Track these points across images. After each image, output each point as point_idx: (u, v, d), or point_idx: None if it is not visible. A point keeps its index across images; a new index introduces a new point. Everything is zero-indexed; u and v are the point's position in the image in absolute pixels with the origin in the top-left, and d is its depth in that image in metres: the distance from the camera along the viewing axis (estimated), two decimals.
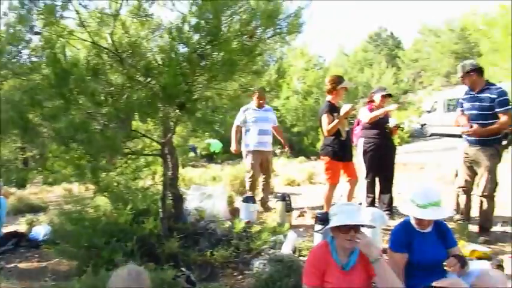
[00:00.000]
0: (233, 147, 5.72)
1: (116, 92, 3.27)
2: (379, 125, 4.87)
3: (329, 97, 4.68)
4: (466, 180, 4.44)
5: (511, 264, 3.42)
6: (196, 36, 3.16)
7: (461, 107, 4.39)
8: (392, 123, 4.79)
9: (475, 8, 15.73)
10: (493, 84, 4.23)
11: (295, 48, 17.72)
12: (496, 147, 4.19)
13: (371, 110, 4.97)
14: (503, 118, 4.01)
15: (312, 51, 26.97)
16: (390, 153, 5.08)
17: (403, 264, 2.79)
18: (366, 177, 5.03)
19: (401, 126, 4.90)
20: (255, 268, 3.39)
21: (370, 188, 5.07)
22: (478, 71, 4.19)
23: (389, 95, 5.06)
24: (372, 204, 5.04)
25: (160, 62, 3.25)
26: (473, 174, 4.37)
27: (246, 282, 3.34)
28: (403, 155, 13.44)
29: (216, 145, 15.15)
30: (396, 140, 16.99)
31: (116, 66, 3.30)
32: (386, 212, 4.84)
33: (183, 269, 3.21)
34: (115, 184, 3.45)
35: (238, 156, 6.90)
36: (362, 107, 5.20)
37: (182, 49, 3.21)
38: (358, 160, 5.12)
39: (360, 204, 5.07)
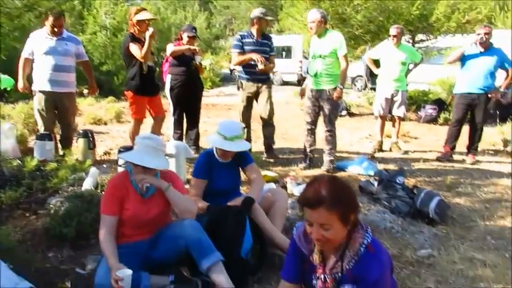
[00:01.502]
0: (20, 85, 4.59)
1: None
2: (186, 63, 4.93)
3: (131, 31, 4.53)
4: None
5: (291, 184, 4.03)
6: None
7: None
8: (198, 60, 4.90)
9: None
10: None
11: None
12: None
13: None
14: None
15: None
16: (197, 91, 5.24)
17: (202, 189, 2.99)
18: (173, 113, 5.11)
19: (205, 65, 5.02)
20: (50, 206, 3.16)
21: (178, 125, 5.19)
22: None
23: (195, 37, 5.10)
24: (179, 139, 5.18)
25: None
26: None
27: (40, 221, 3.09)
28: (214, 98, 14.12)
29: (6, 81, 12.96)
30: (208, 83, 17.56)
31: None
32: (193, 147, 5.08)
33: None
34: None
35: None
36: (169, 44, 5.15)
37: None
38: (167, 96, 5.15)
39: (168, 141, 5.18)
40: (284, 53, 18.64)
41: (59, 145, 4.79)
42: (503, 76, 5.80)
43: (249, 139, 5.38)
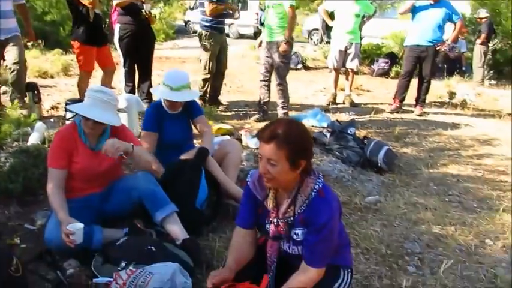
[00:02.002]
0: None
1: None
2: (134, 11, 4.67)
3: None
4: None
5: (246, 137, 4.05)
6: None
7: None
8: (147, 8, 4.66)
9: None
10: None
11: None
12: None
13: None
14: None
15: None
16: (148, 41, 5.02)
17: (154, 142, 2.93)
18: (124, 65, 4.90)
19: (155, 14, 4.77)
20: None
21: (129, 77, 5.00)
22: None
23: None
24: (131, 92, 5.00)
25: None
26: None
27: None
28: (168, 51, 13.64)
29: None
30: (161, 35, 16.88)
31: None
32: (146, 101, 4.93)
33: None
34: None
35: None
36: None
37: None
38: (116, 47, 4.91)
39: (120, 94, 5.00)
40: (240, 5, 18.12)
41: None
42: (452, 30, 5.98)
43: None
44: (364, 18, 6.42)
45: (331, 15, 6.30)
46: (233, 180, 2.90)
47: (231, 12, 5.33)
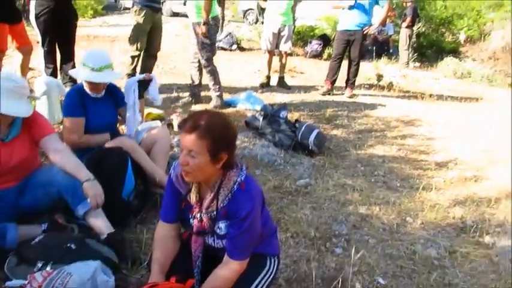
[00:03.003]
0: None
1: None
2: None
3: None
4: None
5: (177, 121, 3.93)
6: None
7: None
8: None
9: None
10: None
11: None
12: None
13: None
14: None
15: None
16: (69, 19, 4.65)
17: (82, 127, 2.75)
18: (43, 45, 4.52)
19: None
20: None
21: (49, 58, 4.61)
22: None
23: None
24: (52, 75, 4.65)
25: None
26: None
27: None
28: (97, 28, 12.87)
29: None
30: (89, 12, 15.88)
31: None
32: (69, 84, 4.60)
33: None
34: None
35: None
36: None
37: None
38: (33, 25, 4.52)
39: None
40: None
41: None
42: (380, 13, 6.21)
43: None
44: (298, 1, 6.45)
45: None
46: (162, 168, 2.80)
47: None
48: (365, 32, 5.95)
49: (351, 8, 5.74)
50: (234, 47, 9.40)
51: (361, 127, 4.89)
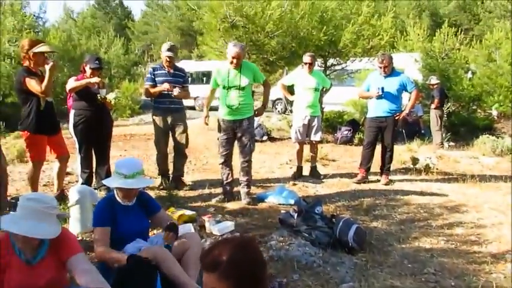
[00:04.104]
0: None
1: None
2: (90, 97, 4.57)
3: (26, 64, 4.14)
4: None
5: (210, 223, 3.82)
6: None
7: None
8: (103, 93, 4.57)
9: None
10: None
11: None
12: None
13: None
14: None
15: (31, 9, 23.73)
16: (105, 126, 4.87)
17: (107, 237, 2.73)
18: (79, 151, 4.70)
19: (110, 99, 4.63)
20: None
21: (85, 163, 4.77)
22: None
23: (99, 68, 4.78)
24: (88, 180, 4.76)
25: None
26: None
27: None
28: (134, 127, 13.53)
29: None
30: (127, 111, 16.86)
31: None
32: (103, 188, 4.67)
33: None
34: None
35: None
36: (71, 78, 4.76)
37: None
38: (71, 134, 4.74)
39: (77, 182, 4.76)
40: (205, 79, 18.60)
41: None
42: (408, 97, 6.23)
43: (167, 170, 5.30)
44: (323, 92, 6.59)
45: (291, 89, 6.44)
46: (193, 278, 2.66)
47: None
48: (396, 118, 5.91)
49: (379, 97, 5.78)
50: (265, 137, 9.55)
51: (403, 217, 4.62)
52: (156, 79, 5.13)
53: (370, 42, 9.31)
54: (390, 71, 5.84)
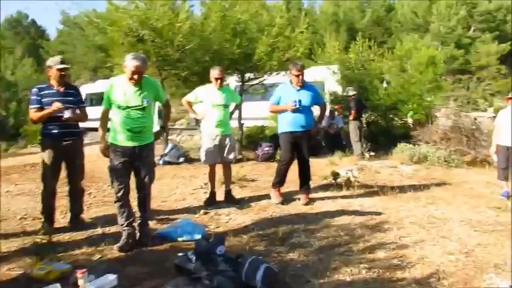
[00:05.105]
0: None
1: None
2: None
3: None
4: None
5: (83, 280, 3.03)
6: None
7: None
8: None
9: None
10: None
11: None
12: None
13: None
14: None
15: None
16: None
17: None
18: None
19: None
20: None
21: None
22: None
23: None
24: None
25: None
26: None
27: None
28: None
29: None
30: (37, 138, 15.36)
31: None
32: None
33: None
34: None
35: None
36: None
37: None
38: None
39: None
40: None
41: None
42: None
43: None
44: (235, 109, 6.09)
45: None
46: None
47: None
48: (312, 133, 5.57)
49: (295, 111, 5.38)
50: (181, 159, 8.86)
51: (322, 243, 4.16)
52: (43, 100, 4.34)
53: (285, 54, 9.04)
54: (302, 84, 5.49)
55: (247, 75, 9.66)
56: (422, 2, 36.86)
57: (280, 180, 5.59)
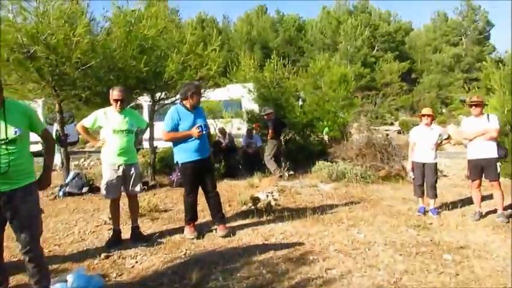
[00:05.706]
0: None
1: None
2: None
3: None
4: None
5: None
6: None
7: None
8: None
9: None
10: None
11: None
12: None
13: None
14: None
15: None
16: None
17: None
18: None
19: None
20: None
21: None
22: None
23: None
24: None
25: None
26: None
27: None
28: None
29: None
30: None
31: None
32: None
33: None
34: None
35: None
36: None
37: None
38: None
39: None
40: None
41: None
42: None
43: None
44: (140, 134, 5.44)
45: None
46: None
47: None
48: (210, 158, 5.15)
49: (200, 137, 4.90)
50: (85, 189, 7.88)
51: (242, 285, 3.67)
52: None
53: (198, 72, 8.55)
54: (195, 106, 5.06)
55: (158, 94, 8.98)
56: (330, 23, 38.89)
57: (192, 216, 5.03)
